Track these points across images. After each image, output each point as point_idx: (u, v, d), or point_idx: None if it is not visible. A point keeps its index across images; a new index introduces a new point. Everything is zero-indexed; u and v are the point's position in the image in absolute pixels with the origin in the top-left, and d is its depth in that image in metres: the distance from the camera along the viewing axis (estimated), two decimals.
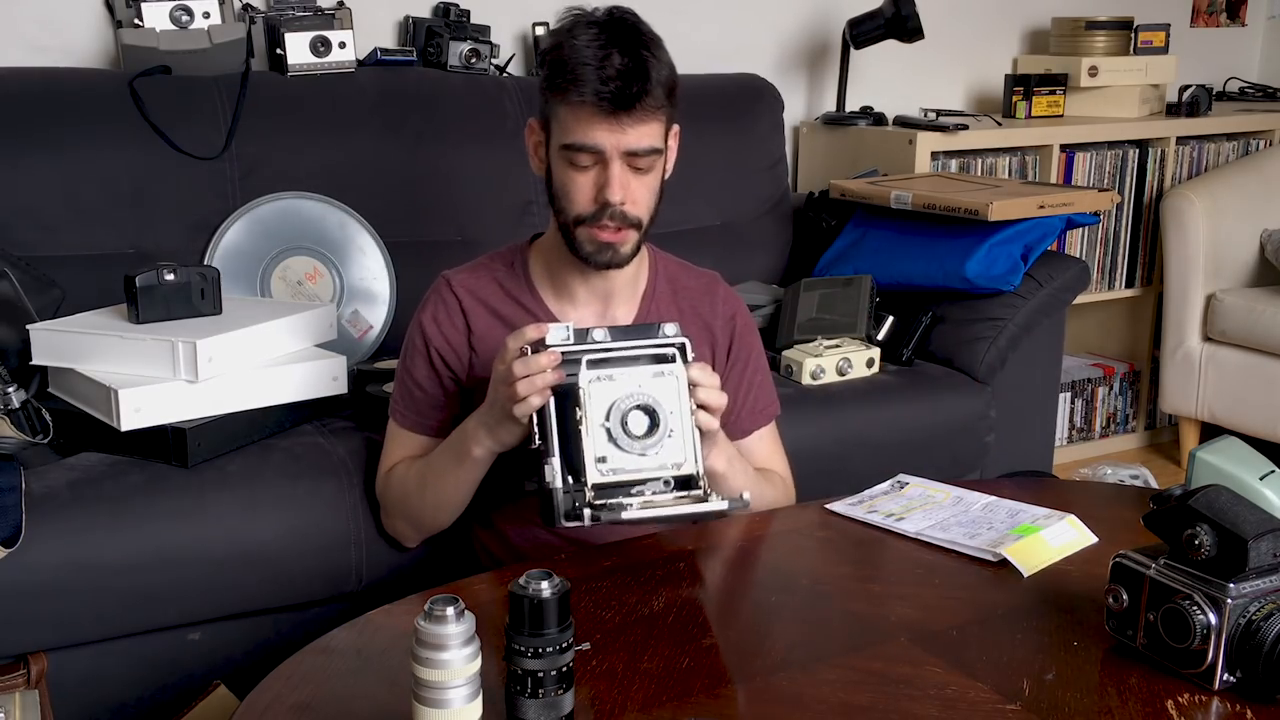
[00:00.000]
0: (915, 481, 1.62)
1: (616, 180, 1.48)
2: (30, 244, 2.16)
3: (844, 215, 2.76)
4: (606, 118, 1.46)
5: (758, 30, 3.20)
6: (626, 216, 1.51)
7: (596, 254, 1.54)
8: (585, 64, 1.44)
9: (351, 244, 2.40)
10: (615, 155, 1.48)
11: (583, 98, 1.45)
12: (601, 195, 1.49)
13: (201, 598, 1.79)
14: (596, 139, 1.47)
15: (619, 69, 1.44)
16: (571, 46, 1.46)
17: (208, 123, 2.33)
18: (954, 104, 3.46)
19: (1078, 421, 3.54)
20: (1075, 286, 2.57)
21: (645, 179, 1.52)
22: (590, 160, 1.49)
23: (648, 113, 1.47)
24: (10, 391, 1.78)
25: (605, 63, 1.44)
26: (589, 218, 1.51)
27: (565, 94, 1.47)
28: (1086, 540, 1.41)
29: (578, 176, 1.51)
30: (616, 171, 1.48)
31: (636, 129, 1.47)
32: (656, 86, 1.47)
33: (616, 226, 1.51)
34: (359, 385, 2.08)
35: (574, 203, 1.52)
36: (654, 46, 1.49)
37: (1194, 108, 3.46)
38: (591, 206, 1.51)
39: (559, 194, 1.54)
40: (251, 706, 1.10)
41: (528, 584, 1.02)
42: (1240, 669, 1.10)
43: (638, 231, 1.54)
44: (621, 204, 1.49)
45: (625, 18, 1.50)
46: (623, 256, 1.55)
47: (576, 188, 1.51)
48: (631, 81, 1.44)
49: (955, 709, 1.10)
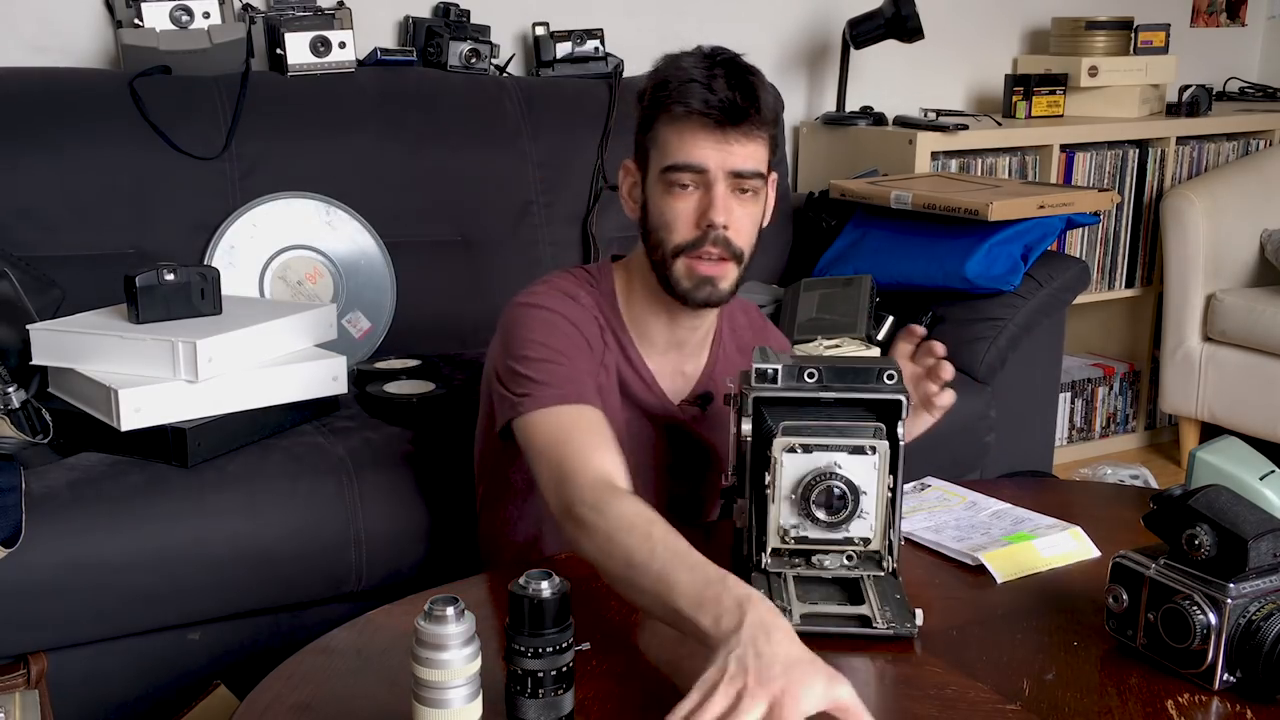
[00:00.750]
0: (937, 484, 1.62)
1: (720, 201, 1.41)
2: (30, 244, 2.16)
3: (844, 215, 2.76)
4: (713, 132, 1.40)
5: (758, 30, 3.20)
6: (730, 244, 1.44)
7: (694, 290, 1.46)
8: (692, 80, 1.41)
9: (351, 244, 2.40)
10: (720, 175, 1.42)
11: (689, 108, 1.40)
12: (704, 219, 1.42)
13: (201, 598, 1.79)
14: (702, 156, 1.41)
15: (727, 86, 1.40)
16: (677, 68, 1.43)
17: (208, 123, 2.33)
18: (954, 104, 3.46)
19: (1078, 421, 3.54)
20: (1075, 286, 2.57)
21: (749, 207, 1.45)
22: (693, 181, 1.42)
23: (755, 130, 1.42)
24: (10, 391, 1.78)
25: (713, 81, 1.41)
26: (689, 245, 1.43)
27: (670, 109, 1.42)
28: (1087, 554, 1.41)
29: (678, 203, 1.43)
30: (721, 192, 1.42)
31: (744, 146, 1.42)
32: (765, 109, 1.43)
33: (719, 255, 1.43)
34: (359, 385, 2.08)
35: (674, 231, 1.44)
36: (759, 75, 1.45)
37: (1194, 108, 3.46)
38: (693, 232, 1.43)
39: (656, 225, 1.46)
40: (251, 706, 1.10)
41: (528, 584, 1.02)
42: (1240, 669, 1.10)
43: (738, 266, 1.46)
44: (725, 227, 1.42)
45: (727, 51, 1.47)
46: (722, 293, 1.47)
47: (676, 214, 1.43)
48: (740, 97, 1.40)
49: (955, 709, 1.10)
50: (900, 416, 1.27)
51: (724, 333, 1.63)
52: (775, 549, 1.26)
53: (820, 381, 1.28)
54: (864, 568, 1.28)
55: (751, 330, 1.69)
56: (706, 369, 1.61)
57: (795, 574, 1.27)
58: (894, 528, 1.26)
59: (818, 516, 1.23)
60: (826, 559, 1.26)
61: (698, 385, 1.60)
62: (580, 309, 1.50)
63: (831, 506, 1.23)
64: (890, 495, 1.25)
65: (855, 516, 1.24)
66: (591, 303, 1.53)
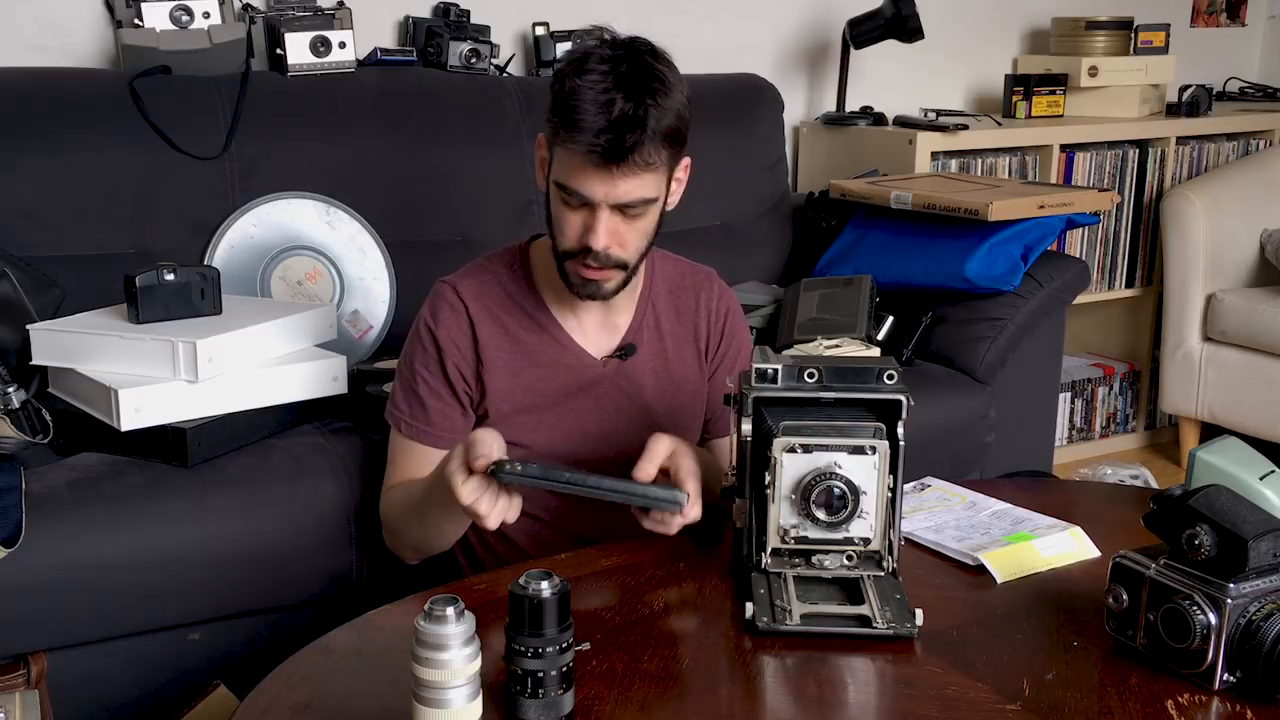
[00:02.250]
0: (937, 484, 1.63)
1: (602, 229, 1.47)
2: (30, 244, 2.16)
3: (844, 215, 2.76)
4: (598, 169, 1.43)
5: (758, 30, 3.20)
6: (610, 258, 1.50)
7: (581, 287, 1.54)
8: (585, 107, 1.41)
9: (351, 244, 2.40)
10: (604, 205, 1.46)
11: (576, 146, 1.43)
12: (586, 238, 1.48)
13: (201, 598, 1.79)
14: (588, 189, 1.45)
15: (616, 117, 1.40)
16: (575, 87, 1.43)
17: (208, 123, 2.33)
18: (954, 104, 3.46)
19: (1078, 421, 3.54)
20: (1075, 286, 2.57)
21: (636, 224, 1.51)
22: (579, 203, 1.48)
23: (642, 164, 1.44)
24: (10, 391, 1.78)
25: (605, 109, 1.41)
26: (574, 253, 1.51)
27: (560, 135, 1.45)
28: (1086, 554, 1.41)
29: (568, 213, 1.50)
30: (604, 219, 1.47)
31: (628, 181, 1.45)
32: (653, 138, 1.43)
33: (599, 266, 1.51)
34: (359, 385, 2.08)
35: (564, 236, 1.51)
36: (661, 92, 1.44)
37: (1194, 108, 3.46)
38: (577, 245, 1.50)
39: (552, 223, 1.54)
40: (251, 706, 1.10)
41: (528, 584, 1.02)
42: (1240, 669, 1.10)
43: (623, 271, 1.54)
44: (606, 249, 1.49)
45: (641, 54, 1.46)
46: (606, 292, 1.55)
47: (566, 222, 1.50)
48: (626, 133, 1.41)
49: (955, 709, 1.10)
50: (900, 417, 1.27)
51: (655, 288, 1.68)
52: (775, 549, 1.26)
53: (820, 381, 1.29)
54: (864, 568, 1.28)
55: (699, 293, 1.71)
56: (634, 321, 1.66)
57: (795, 574, 1.27)
58: (894, 528, 1.26)
59: (818, 516, 1.23)
60: (826, 559, 1.26)
61: (624, 338, 1.65)
62: (455, 314, 1.61)
63: (831, 506, 1.23)
64: (890, 495, 1.25)
65: (855, 516, 1.24)
66: (491, 289, 1.62)
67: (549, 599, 1.02)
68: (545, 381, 1.62)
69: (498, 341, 1.60)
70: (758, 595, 1.25)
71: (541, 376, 1.62)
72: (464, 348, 1.61)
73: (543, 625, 1.02)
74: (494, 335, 1.61)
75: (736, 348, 1.73)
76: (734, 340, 1.73)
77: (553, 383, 1.62)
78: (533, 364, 1.62)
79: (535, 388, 1.61)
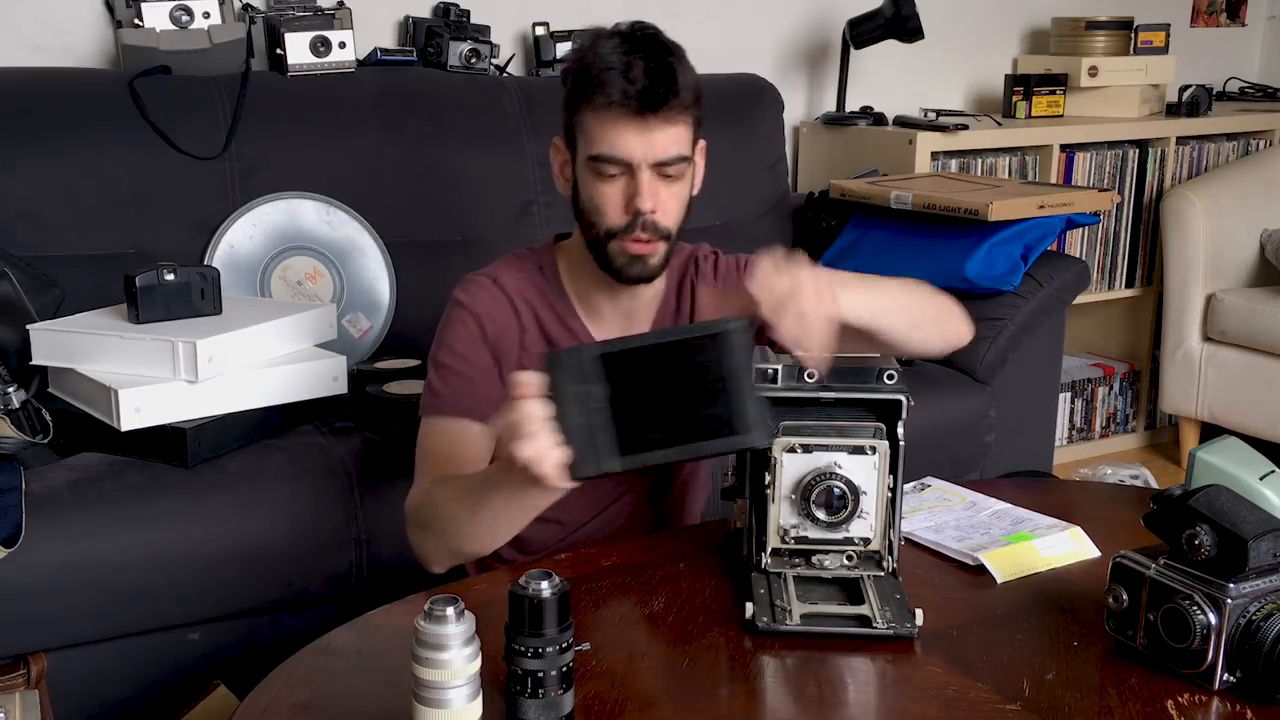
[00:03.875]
0: (937, 484, 1.62)
1: (646, 188, 1.45)
2: (30, 244, 2.16)
3: (844, 215, 2.76)
4: (634, 120, 1.42)
5: (758, 30, 3.20)
6: (658, 227, 1.47)
7: (628, 266, 1.50)
8: (610, 68, 1.42)
9: (351, 244, 2.40)
10: (644, 164, 1.44)
11: (609, 99, 1.42)
12: (632, 205, 1.45)
13: (201, 598, 1.79)
14: (625, 148, 1.44)
15: (644, 70, 1.42)
16: (595, 54, 1.44)
17: (208, 123, 2.33)
18: (954, 104, 3.46)
19: (1078, 421, 3.54)
20: (1075, 286, 2.57)
21: (674, 188, 1.49)
22: (618, 170, 1.46)
23: (675, 114, 1.44)
24: (10, 391, 1.78)
25: (630, 68, 1.42)
26: (621, 230, 1.47)
27: (591, 100, 1.44)
28: (1086, 554, 1.41)
29: (606, 188, 1.47)
30: (646, 179, 1.45)
31: (665, 132, 1.44)
32: (684, 90, 1.44)
33: (649, 238, 1.47)
34: (359, 385, 2.08)
35: (605, 215, 1.48)
36: (678, 54, 1.47)
37: (1194, 108, 3.46)
38: (623, 218, 1.47)
39: (588, 209, 1.50)
40: (251, 706, 1.10)
41: (528, 584, 1.02)
42: (1240, 669, 1.10)
43: (667, 243, 1.50)
44: (653, 212, 1.46)
45: (647, 29, 1.48)
46: (652, 269, 1.51)
47: (606, 199, 1.47)
48: (658, 83, 1.42)
49: (955, 709, 1.10)
50: (900, 416, 1.27)
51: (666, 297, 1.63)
52: (775, 549, 1.26)
53: (820, 381, 1.29)
54: (864, 568, 1.28)
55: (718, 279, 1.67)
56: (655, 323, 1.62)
57: (795, 574, 1.27)
58: (894, 528, 1.26)
59: (818, 516, 1.23)
60: (826, 559, 1.26)
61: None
62: (499, 301, 1.55)
63: (831, 506, 1.23)
64: (890, 495, 1.25)
65: (855, 516, 1.24)
66: (526, 285, 1.57)
67: (549, 599, 1.02)
68: None
69: (535, 335, 1.57)
70: (758, 595, 1.25)
71: None
72: (510, 334, 1.56)
73: (543, 625, 1.02)
74: (533, 327, 1.58)
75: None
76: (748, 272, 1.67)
77: None
78: None
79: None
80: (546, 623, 1.02)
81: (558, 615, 1.02)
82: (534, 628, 1.02)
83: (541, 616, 1.02)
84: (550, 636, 1.02)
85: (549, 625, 1.02)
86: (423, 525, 1.45)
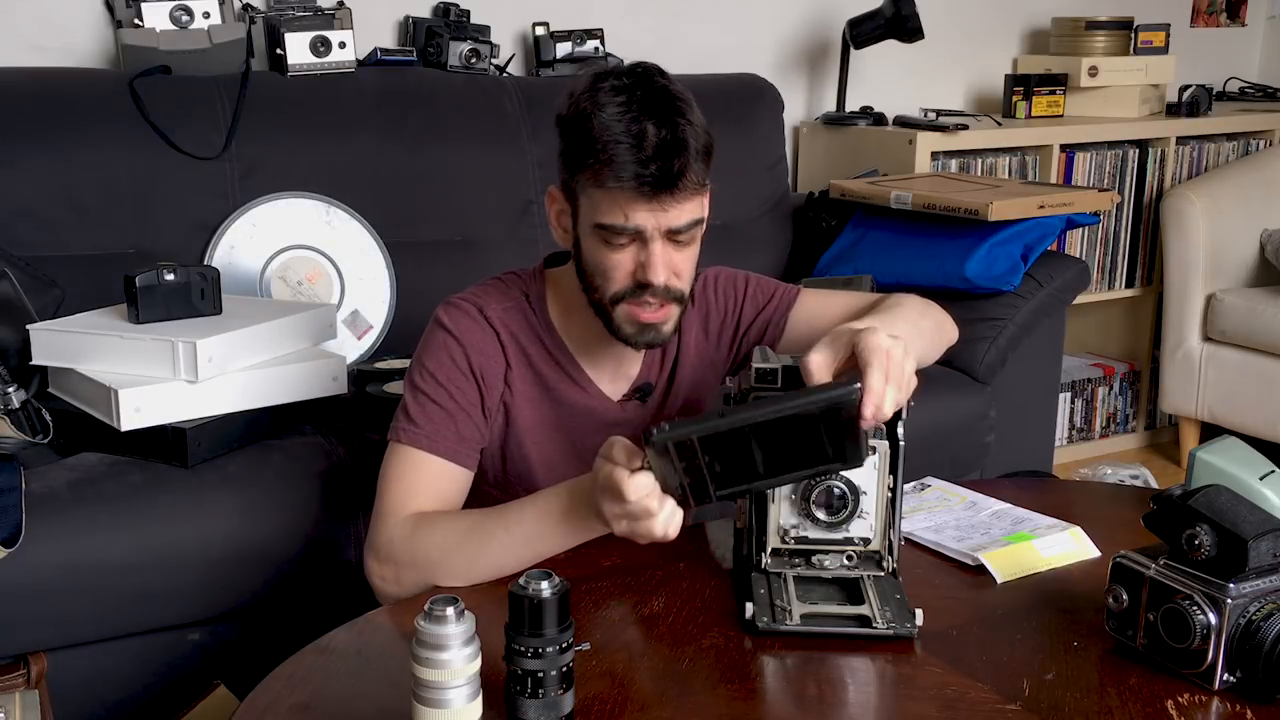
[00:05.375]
0: (937, 484, 1.62)
1: (659, 260, 1.36)
2: (30, 244, 2.17)
3: (844, 215, 2.76)
4: (648, 200, 1.32)
5: (758, 30, 3.20)
6: (670, 291, 1.39)
7: (638, 335, 1.42)
8: (618, 142, 1.31)
9: (351, 244, 2.40)
10: (657, 235, 1.36)
11: (621, 183, 1.31)
12: (642, 274, 1.37)
13: (201, 598, 1.79)
14: (638, 220, 1.34)
15: (656, 145, 1.30)
16: (599, 121, 1.32)
17: (208, 123, 2.33)
18: (954, 104, 3.46)
19: (1078, 421, 3.54)
20: (1075, 286, 2.57)
21: (687, 250, 1.40)
22: (628, 239, 1.36)
23: (692, 188, 1.34)
24: (10, 391, 1.78)
25: (640, 140, 1.30)
26: (628, 294, 1.39)
27: (598, 176, 1.33)
28: (1086, 554, 1.41)
29: (613, 255, 1.37)
30: (658, 251, 1.36)
31: (679, 206, 1.34)
32: (696, 160, 1.34)
33: (660, 303, 1.39)
34: (359, 385, 2.08)
35: (612, 281, 1.39)
36: (687, 109, 1.35)
37: (1194, 108, 3.46)
38: (631, 283, 1.38)
39: (593, 272, 1.41)
40: (251, 706, 1.10)
41: (528, 584, 1.02)
42: (1240, 669, 1.10)
43: (679, 305, 1.42)
44: (664, 284, 1.38)
45: (653, 77, 1.36)
46: (665, 335, 1.43)
47: (613, 265, 1.38)
48: (673, 159, 1.31)
49: (955, 709, 1.10)
50: (900, 417, 1.27)
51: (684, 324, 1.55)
52: (775, 549, 1.26)
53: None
54: (864, 568, 1.28)
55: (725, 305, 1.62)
56: (645, 361, 1.56)
57: (795, 574, 1.27)
58: (894, 528, 1.26)
59: (818, 516, 1.24)
60: (826, 559, 1.26)
61: (638, 379, 1.56)
62: (486, 334, 1.48)
63: (831, 506, 1.23)
64: (890, 495, 1.25)
65: (855, 516, 1.24)
66: (512, 317, 1.50)
67: (549, 599, 1.01)
68: (566, 418, 1.53)
69: (522, 371, 1.51)
70: (758, 595, 1.25)
71: (562, 413, 1.53)
72: (495, 368, 1.49)
73: (543, 625, 1.02)
74: (520, 363, 1.51)
75: (777, 299, 1.62)
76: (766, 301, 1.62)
77: (572, 420, 1.54)
78: (553, 400, 1.53)
79: (556, 422, 1.53)
80: (546, 623, 1.02)
81: (558, 615, 1.02)
82: (534, 628, 1.02)
83: (541, 616, 1.02)
84: (550, 636, 1.02)
85: (549, 625, 1.02)
86: (396, 561, 1.37)
